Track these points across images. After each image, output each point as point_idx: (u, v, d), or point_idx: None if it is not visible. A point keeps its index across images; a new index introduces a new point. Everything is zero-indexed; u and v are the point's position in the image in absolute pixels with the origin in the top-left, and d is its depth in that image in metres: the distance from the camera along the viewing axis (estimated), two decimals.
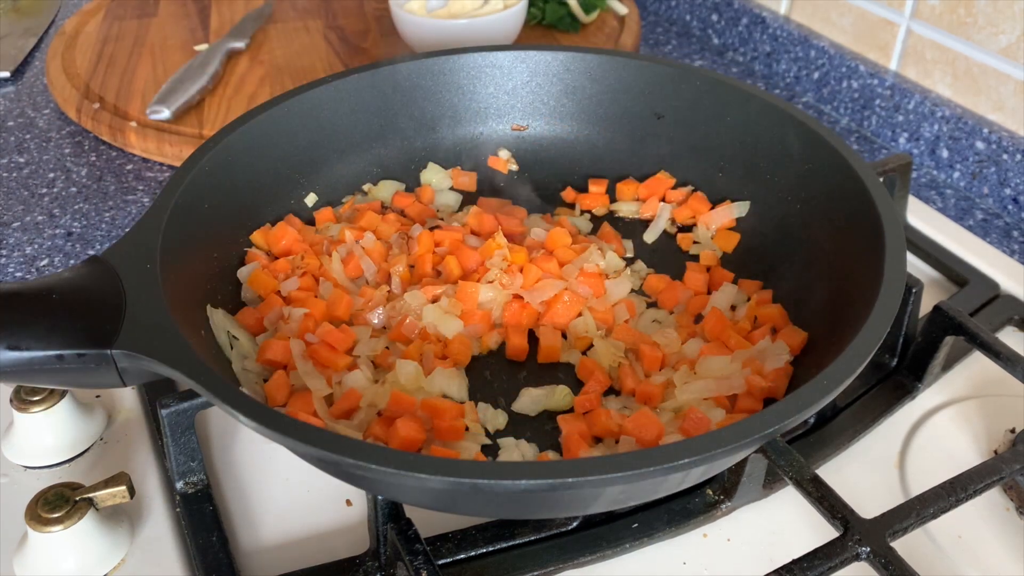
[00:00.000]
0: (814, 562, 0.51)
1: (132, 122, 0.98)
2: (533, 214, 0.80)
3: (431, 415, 0.59)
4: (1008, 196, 0.91)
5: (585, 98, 0.83)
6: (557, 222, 0.78)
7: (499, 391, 0.65)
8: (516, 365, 0.67)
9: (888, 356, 0.70)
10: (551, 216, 0.80)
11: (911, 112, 0.98)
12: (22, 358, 0.50)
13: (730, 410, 0.61)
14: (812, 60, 1.09)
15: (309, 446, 0.45)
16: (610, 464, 0.44)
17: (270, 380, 0.61)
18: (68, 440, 0.64)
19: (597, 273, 0.71)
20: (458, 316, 0.67)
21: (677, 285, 0.72)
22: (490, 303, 0.69)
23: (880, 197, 0.62)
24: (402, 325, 0.67)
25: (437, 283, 0.70)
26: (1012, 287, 0.79)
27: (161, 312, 0.54)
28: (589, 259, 0.72)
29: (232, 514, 0.61)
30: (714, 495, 0.61)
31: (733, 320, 0.68)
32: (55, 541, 0.55)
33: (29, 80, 1.13)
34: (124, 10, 1.22)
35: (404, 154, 0.82)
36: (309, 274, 0.70)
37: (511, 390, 0.65)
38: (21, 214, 0.90)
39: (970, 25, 0.91)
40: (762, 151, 0.75)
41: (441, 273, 0.72)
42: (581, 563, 0.57)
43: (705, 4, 1.24)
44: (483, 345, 0.68)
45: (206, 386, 0.49)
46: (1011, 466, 0.57)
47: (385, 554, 0.55)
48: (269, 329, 0.66)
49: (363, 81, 0.78)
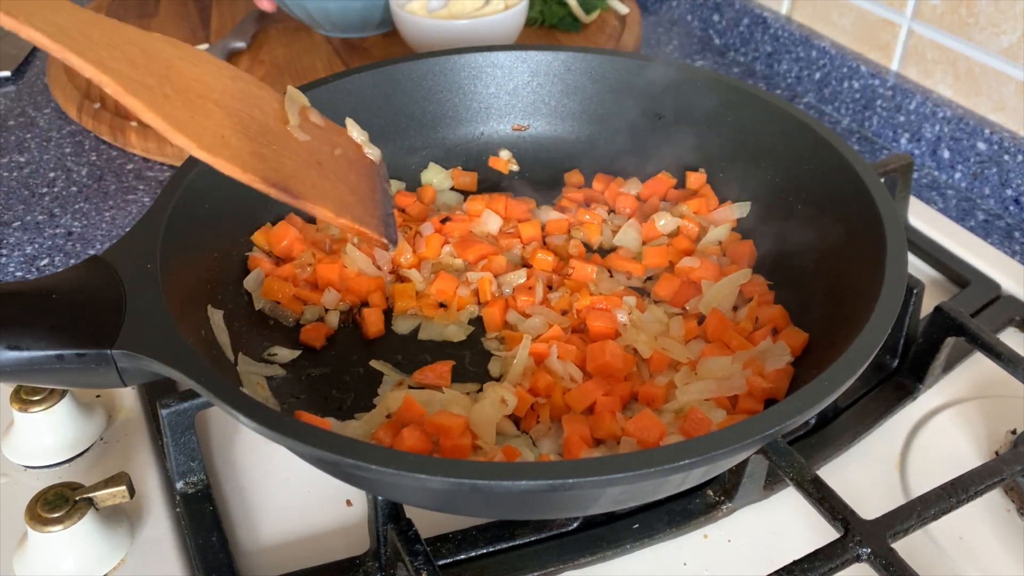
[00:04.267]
0: (815, 563, 0.51)
1: (133, 122, 0.98)
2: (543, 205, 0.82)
3: (437, 432, 0.58)
4: (1009, 197, 0.91)
5: (586, 98, 0.83)
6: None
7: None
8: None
9: (889, 357, 0.70)
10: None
11: (912, 112, 0.98)
12: (22, 358, 0.50)
13: (731, 411, 0.61)
14: (813, 60, 1.09)
15: (309, 446, 0.45)
16: (610, 465, 0.44)
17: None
18: (68, 440, 0.64)
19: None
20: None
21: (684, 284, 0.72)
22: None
23: (881, 198, 0.62)
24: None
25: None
26: (1013, 288, 0.79)
27: (161, 312, 0.54)
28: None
29: (232, 514, 0.61)
30: (715, 496, 0.61)
31: (734, 321, 0.68)
32: (55, 541, 0.55)
33: (30, 79, 1.13)
34: (124, 10, 1.22)
35: (404, 154, 0.82)
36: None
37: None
38: (21, 213, 0.90)
39: (971, 25, 0.91)
40: (762, 151, 0.75)
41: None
42: (581, 563, 0.57)
43: (706, 4, 1.24)
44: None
45: (206, 386, 0.49)
46: (1012, 467, 0.57)
47: (385, 554, 0.55)
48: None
49: (363, 81, 0.78)
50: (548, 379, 0.63)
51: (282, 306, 0.70)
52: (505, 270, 0.74)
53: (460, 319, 0.71)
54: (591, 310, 0.69)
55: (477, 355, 0.69)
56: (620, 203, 0.80)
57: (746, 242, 0.74)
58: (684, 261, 0.73)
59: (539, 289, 0.71)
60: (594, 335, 0.67)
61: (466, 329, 0.71)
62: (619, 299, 0.69)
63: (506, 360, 0.67)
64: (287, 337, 0.69)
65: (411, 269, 0.74)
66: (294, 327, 0.70)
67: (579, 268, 0.73)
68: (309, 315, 0.71)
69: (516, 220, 0.79)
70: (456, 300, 0.72)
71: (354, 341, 0.70)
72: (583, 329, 0.69)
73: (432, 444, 0.58)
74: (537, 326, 0.69)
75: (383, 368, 0.67)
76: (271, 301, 0.70)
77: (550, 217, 0.79)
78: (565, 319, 0.69)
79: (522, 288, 0.72)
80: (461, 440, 0.58)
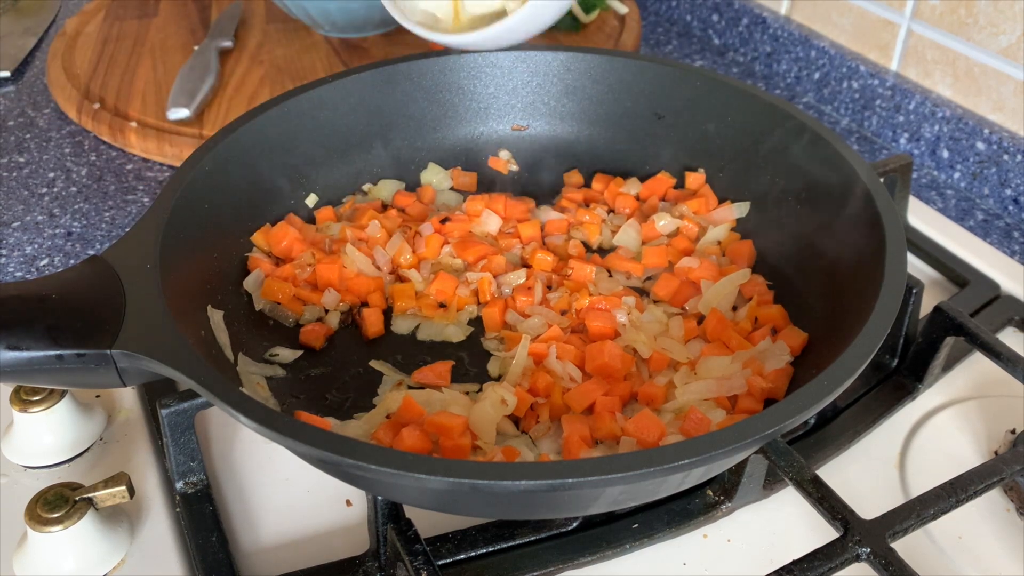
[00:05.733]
0: (814, 563, 0.51)
1: (132, 122, 0.98)
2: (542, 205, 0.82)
3: (437, 432, 0.58)
4: (1009, 197, 0.91)
5: (585, 98, 0.83)
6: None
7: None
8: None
9: (888, 357, 0.70)
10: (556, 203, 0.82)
11: (912, 112, 0.98)
12: (22, 358, 0.50)
13: (731, 411, 0.61)
14: (812, 60, 1.09)
15: (309, 446, 0.45)
16: (610, 465, 0.44)
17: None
18: (68, 440, 0.64)
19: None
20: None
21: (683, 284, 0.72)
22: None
23: (881, 198, 0.62)
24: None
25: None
26: (1012, 288, 0.79)
27: (161, 312, 0.54)
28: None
29: (232, 514, 0.61)
30: (714, 496, 0.61)
31: (734, 321, 0.68)
32: (55, 541, 0.55)
33: (29, 80, 1.13)
34: (124, 10, 1.22)
35: (404, 154, 0.82)
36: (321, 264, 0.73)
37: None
38: (21, 214, 0.90)
39: (971, 25, 0.91)
40: (762, 151, 0.75)
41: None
42: (581, 563, 0.57)
43: (705, 4, 1.24)
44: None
45: (206, 386, 0.49)
46: (1011, 467, 0.57)
47: (385, 554, 0.55)
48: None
49: (363, 81, 0.78)
50: (548, 379, 0.63)
51: (282, 306, 0.70)
52: (504, 270, 0.74)
53: (459, 319, 0.71)
54: (590, 310, 0.69)
55: (476, 355, 0.69)
56: (620, 203, 0.80)
57: (745, 242, 0.74)
58: (683, 261, 0.73)
59: (538, 289, 0.71)
60: (593, 335, 0.67)
61: (465, 329, 0.71)
62: (618, 299, 0.69)
63: (505, 360, 0.67)
64: (287, 337, 0.69)
65: (410, 269, 0.74)
66: (294, 327, 0.70)
67: (578, 268, 0.73)
68: (309, 315, 0.71)
69: (515, 220, 0.79)
70: (456, 300, 0.72)
71: (354, 341, 0.70)
72: (582, 329, 0.69)
73: (432, 444, 0.58)
74: (536, 326, 0.69)
75: (383, 368, 0.67)
76: (271, 302, 0.70)
77: (549, 217, 0.79)
78: (564, 319, 0.69)
79: (521, 288, 0.72)
80: (461, 440, 0.58)
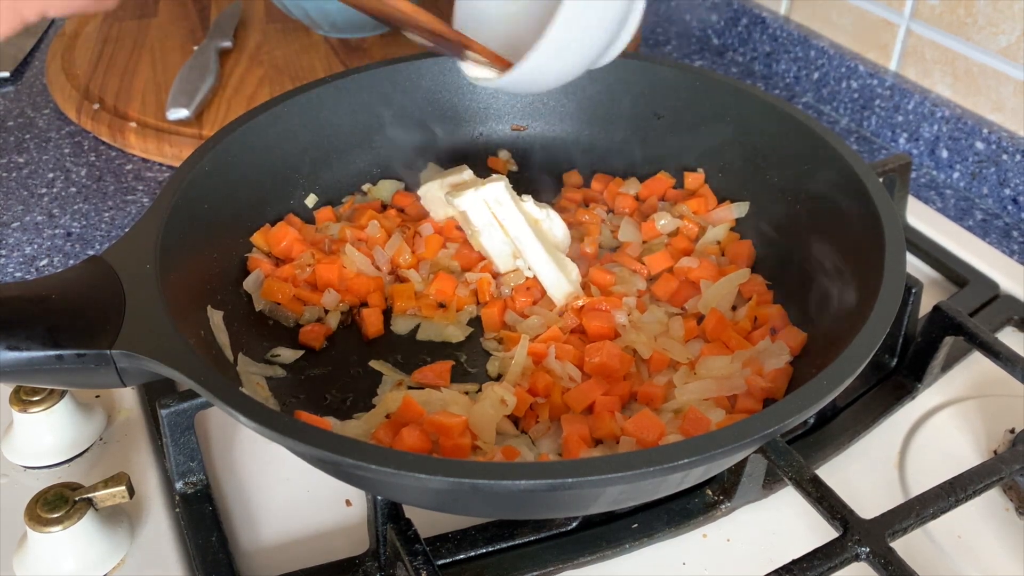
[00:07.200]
0: (814, 562, 0.51)
1: (132, 122, 0.98)
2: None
3: (436, 432, 0.58)
4: (1008, 196, 0.91)
5: (585, 98, 0.83)
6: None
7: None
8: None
9: (888, 356, 0.70)
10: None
11: (911, 112, 0.98)
12: (22, 358, 0.50)
13: (730, 410, 0.61)
14: (812, 60, 1.09)
15: (309, 446, 0.45)
16: (610, 464, 0.44)
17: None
18: (68, 440, 0.64)
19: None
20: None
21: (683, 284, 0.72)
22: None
23: (880, 197, 0.62)
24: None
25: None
26: (1012, 287, 0.79)
27: (161, 312, 0.54)
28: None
29: (232, 514, 0.61)
30: (714, 495, 0.61)
31: (733, 320, 0.68)
32: (55, 541, 0.55)
33: (29, 80, 1.13)
34: (124, 11, 1.22)
35: (404, 154, 0.82)
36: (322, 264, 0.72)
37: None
38: (21, 214, 0.90)
39: (970, 25, 0.91)
40: (762, 151, 0.75)
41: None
42: (581, 563, 0.57)
43: (705, 4, 1.24)
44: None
45: (206, 386, 0.49)
46: (1011, 466, 0.57)
47: (385, 554, 0.55)
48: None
49: (363, 81, 0.78)
50: (547, 379, 0.63)
51: (282, 307, 0.70)
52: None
53: (459, 319, 0.71)
54: (590, 310, 0.69)
55: (476, 355, 0.69)
56: (619, 203, 0.80)
57: (745, 242, 0.74)
58: (683, 261, 0.73)
59: (537, 289, 0.71)
60: (592, 335, 0.67)
61: (465, 329, 0.71)
62: (619, 299, 0.69)
63: (505, 360, 0.67)
64: (287, 338, 0.69)
65: (410, 269, 0.74)
66: (294, 328, 0.70)
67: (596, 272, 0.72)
68: (309, 316, 0.71)
69: None
70: (455, 300, 0.72)
71: (353, 341, 0.70)
72: (582, 329, 0.69)
73: (431, 444, 0.58)
74: (535, 326, 0.69)
75: (382, 368, 0.67)
76: (271, 302, 0.70)
77: None
78: (563, 319, 0.69)
79: (521, 288, 0.72)
80: (460, 440, 0.58)
